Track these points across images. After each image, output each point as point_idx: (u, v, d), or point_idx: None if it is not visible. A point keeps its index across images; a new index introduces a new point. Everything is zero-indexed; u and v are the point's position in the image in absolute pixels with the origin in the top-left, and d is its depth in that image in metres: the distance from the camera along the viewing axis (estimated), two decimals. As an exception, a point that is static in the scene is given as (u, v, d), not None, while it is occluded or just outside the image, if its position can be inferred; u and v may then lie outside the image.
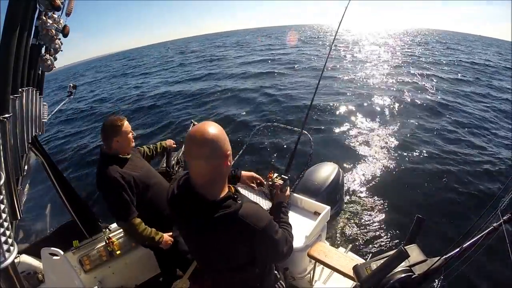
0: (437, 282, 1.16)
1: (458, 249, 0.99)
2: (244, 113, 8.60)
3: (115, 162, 1.59)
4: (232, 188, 0.96)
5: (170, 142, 2.15)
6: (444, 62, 18.65)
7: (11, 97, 1.09)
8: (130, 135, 1.66)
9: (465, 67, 17.12)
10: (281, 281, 1.22)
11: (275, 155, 5.85)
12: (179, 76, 17.07)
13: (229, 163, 0.88)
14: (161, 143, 2.12)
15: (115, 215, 1.62)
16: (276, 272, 1.20)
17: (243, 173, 1.40)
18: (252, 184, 1.41)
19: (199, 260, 1.14)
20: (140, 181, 1.65)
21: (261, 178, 1.41)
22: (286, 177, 1.27)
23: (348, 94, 10.38)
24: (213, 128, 0.82)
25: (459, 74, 14.38)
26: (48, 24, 1.33)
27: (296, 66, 16.07)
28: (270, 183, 1.32)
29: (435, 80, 12.77)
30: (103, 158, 1.62)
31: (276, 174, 1.31)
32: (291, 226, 1.10)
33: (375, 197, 4.49)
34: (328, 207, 1.98)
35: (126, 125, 1.63)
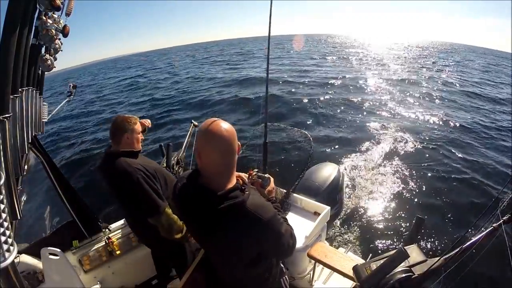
0: (437, 283, 1.16)
1: (458, 249, 0.99)
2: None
3: (129, 156, 1.50)
4: (241, 180, 0.97)
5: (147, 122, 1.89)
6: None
7: (11, 97, 1.09)
8: (139, 136, 1.59)
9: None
10: (286, 276, 1.21)
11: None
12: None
13: (236, 156, 0.93)
14: None
15: (144, 211, 1.47)
16: (282, 265, 1.20)
17: None
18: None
19: (211, 256, 1.12)
20: (161, 175, 1.56)
21: (242, 176, 1.27)
22: (262, 174, 1.24)
23: (352, 97, 10.40)
24: (227, 124, 0.89)
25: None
26: (48, 24, 1.33)
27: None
28: (251, 182, 1.27)
29: (439, 82, 12.78)
30: (112, 156, 1.50)
31: (255, 171, 1.23)
32: (287, 220, 1.10)
33: (375, 197, 4.50)
34: (328, 207, 1.99)
35: (138, 124, 1.59)
